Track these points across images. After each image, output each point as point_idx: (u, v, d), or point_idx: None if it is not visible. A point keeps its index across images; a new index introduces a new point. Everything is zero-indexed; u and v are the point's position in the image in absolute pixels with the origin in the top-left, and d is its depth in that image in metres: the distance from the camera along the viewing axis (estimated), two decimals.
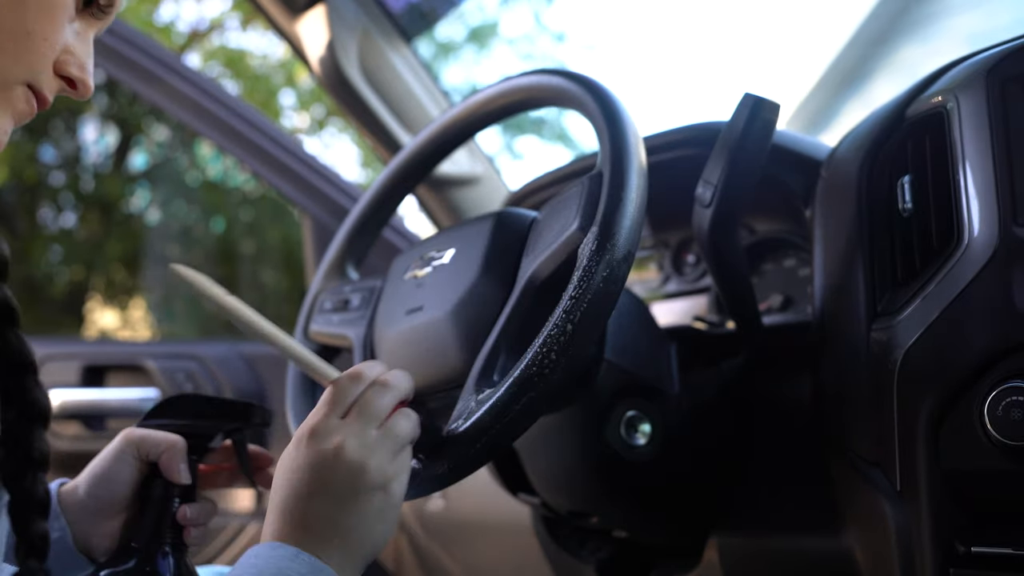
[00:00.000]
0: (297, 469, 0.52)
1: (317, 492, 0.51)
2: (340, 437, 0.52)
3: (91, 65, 0.52)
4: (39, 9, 0.47)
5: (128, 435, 0.62)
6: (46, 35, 0.47)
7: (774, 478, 0.85)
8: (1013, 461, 0.54)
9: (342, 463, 0.51)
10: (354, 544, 0.51)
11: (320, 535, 0.50)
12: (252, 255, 6.22)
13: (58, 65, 0.50)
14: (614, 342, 0.75)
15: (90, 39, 0.52)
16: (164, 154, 6.24)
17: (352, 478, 0.51)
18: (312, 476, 0.51)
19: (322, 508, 0.51)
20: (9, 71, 0.47)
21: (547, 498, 0.88)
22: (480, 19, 7.43)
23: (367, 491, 0.51)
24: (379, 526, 0.52)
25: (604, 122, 0.64)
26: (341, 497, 0.51)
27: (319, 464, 0.51)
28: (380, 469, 0.52)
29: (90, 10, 0.51)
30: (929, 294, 0.60)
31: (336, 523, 0.51)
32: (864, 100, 5.70)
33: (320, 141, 6.89)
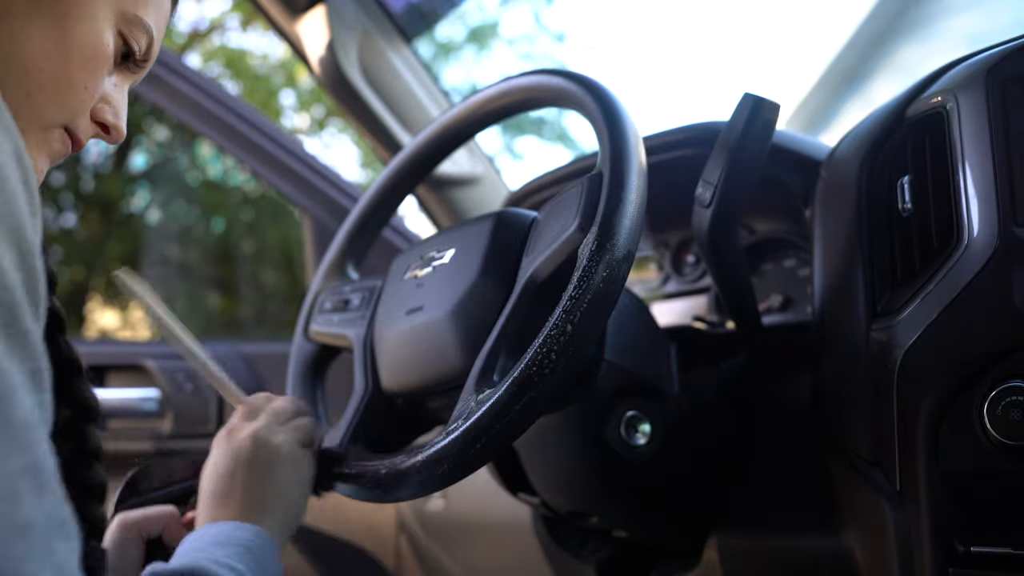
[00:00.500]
0: (218, 462, 0.63)
1: (238, 471, 0.62)
2: (251, 428, 0.65)
3: (125, 114, 0.56)
4: (82, 59, 0.50)
5: (125, 522, 0.67)
6: (87, 84, 0.51)
7: (774, 478, 0.86)
8: (1013, 461, 0.54)
9: (256, 444, 0.63)
10: (278, 510, 0.62)
11: (249, 506, 0.60)
12: (252, 255, 6.22)
13: (95, 112, 0.54)
14: (614, 342, 0.75)
15: (126, 91, 0.56)
16: (164, 154, 6.23)
17: (266, 454, 0.63)
18: (232, 461, 0.62)
19: (246, 483, 0.61)
20: (49, 115, 0.50)
21: (547, 498, 0.88)
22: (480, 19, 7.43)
23: (280, 464, 0.63)
24: (295, 494, 0.64)
25: (604, 122, 0.64)
26: (259, 471, 0.62)
27: (236, 450, 0.63)
28: (288, 446, 0.65)
29: (127, 64, 0.55)
30: (929, 294, 0.60)
31: (261, 494, 0.61)
32: (864, 100, 5.70)
33: (320, 141, 6.89)
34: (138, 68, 0.56)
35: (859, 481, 0.69)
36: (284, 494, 0.63)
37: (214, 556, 0.53)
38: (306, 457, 0.66)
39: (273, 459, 0.63)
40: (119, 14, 0.52)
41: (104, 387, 1.48)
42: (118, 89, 0.55)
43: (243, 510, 0.60)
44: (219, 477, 0.62)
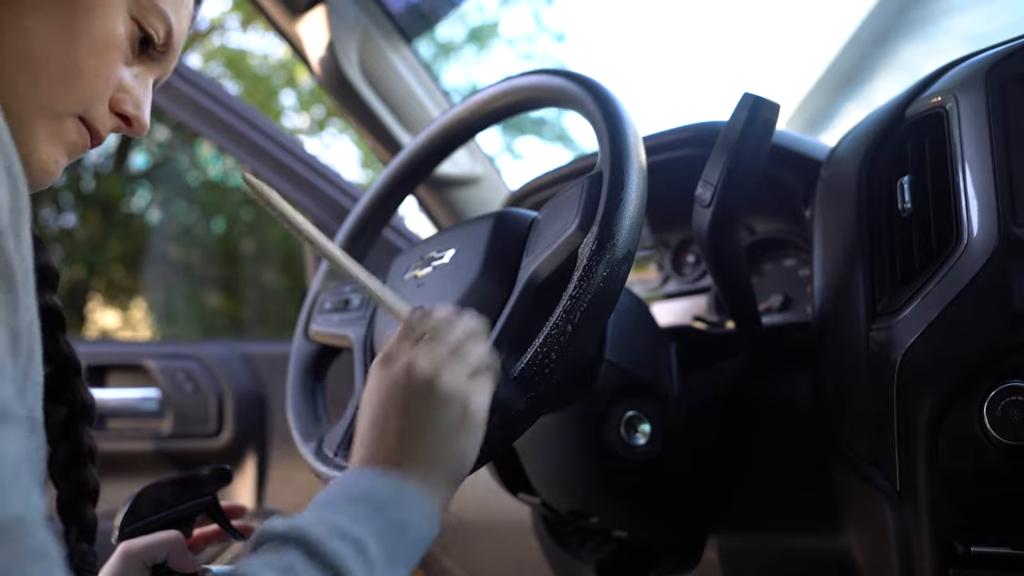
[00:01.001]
0: (372, 396, 0.53)
1: (393, 413, 0.51)
2: (409, 357, 0.53)
3: (148, 106, 0.54)
4: (91, 46, 0.49)
5: (128, 551, 0.65)
6: (97, 71, 0.50)
7: (774, 478, 0.86)
8: (1012, 461, 0.54)
9: (413, 379, 0.52)
10: (437, 461, 0.51)
11: (401, 454, 0.50)
12: (252, 255, 6.22)
13: (114, 103, 0.52)
14: (614, 342, 0.75)
15: (149, 82, 0.55)
16: (164, 154, 6.24)
17: (425, 393, 0.51)
18: (386, 398, 0.52)
19: (400, 427, 0.51)
20: (60, 102, 0.49)
21: (547, 498, 0.88)
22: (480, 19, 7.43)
23: (442, 405, 0.51)
24: (460, 443, 0.52)
25: (604, 122, 0.64)
26: (417, 414, 0.51)
27: (391, 385, 0.52)
28: (453, 384, 0.52)
29: (148, 53, 0.54)
30: (929, 294, 0.60)
31: (415, 441, 0.51)
32: (864, 100, 5.70)
33: (320, 141, 6.89)
34: (160, 57, 0.54)
35: (859, 481, 0.69)
36: (444, 444, 0.52)
37: (334, 521, 0.44)
38: (476, 396, 0.54)
39: (432, 399, 0.52)
40: (133, 1, 0.51)
41: (104, 387, 1.48)
42: (139, 80, 0.54)
43: (391, 455, 0.51)
44: (371, 413, 0.53)
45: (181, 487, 0.69)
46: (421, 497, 0.49)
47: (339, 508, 0.46)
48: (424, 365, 0.52)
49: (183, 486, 0.69)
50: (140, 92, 0.54)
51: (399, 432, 0.51)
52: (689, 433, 0.82)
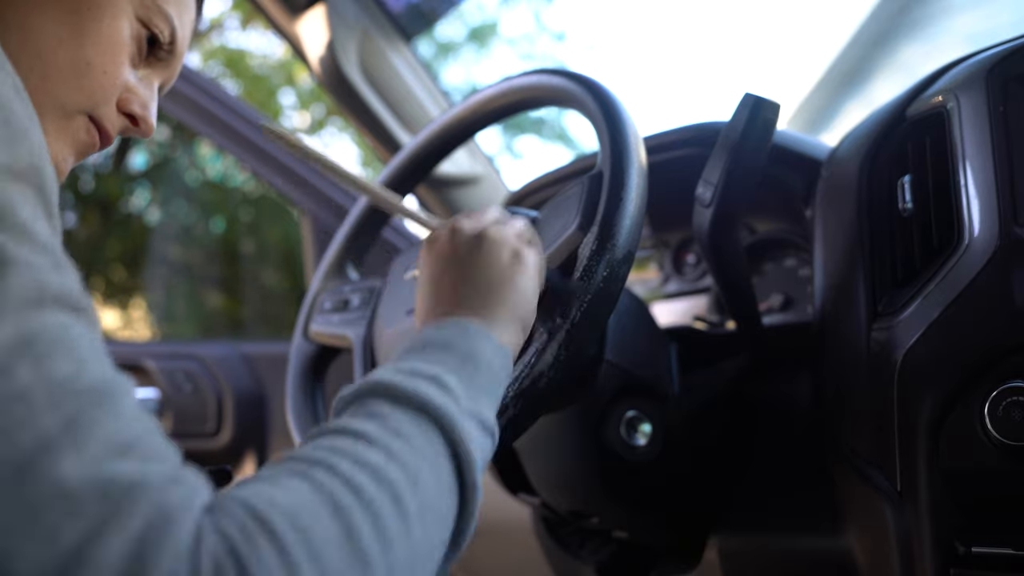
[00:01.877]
0: (423, 269, 0.55)
1: (445, 271, 0.53)
2: (452, 227, 0.56)
3: (154, 108, 0.55)
4: (98, 42, 0.50)
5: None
6: (106, 68, 0.50)
7: (774, 478, 0.85)
8: (1013, 461, 0.54)
9: (459, 238, 0.54)
10: (497, 301, 0.52)
11: (459, 303, 0.51)
12: (252, 255, 6.22)
13: (121, 102, 0.53)
14: (614, 342, 0.75)
15: (154, 85, 0.56)
16: (164, 154, 6.23)
17: (472, 245, 0.54)
18: (435, 262, 0.54)
19: (453, 281, 0.52)
20: (69, 99, 0.49)
21: (547, 498, 0.88)
22: (480, 19, 7.43)
23: (491, 251, 0.53)
24: (516, 283, 0.53)
25: (604, 122, 0.64)
26: (468, 265, 0.53)
27: (439, 252, 0.55)
28: (499, 233, 0.55)
29: (153, 56, 0.55)
30: (929, 294, 0.60)
31: (470, 288, 0.52)
32: (864, 100, 5.70)
33: (320, 141, 6.89)
34: (164, 61, 0.55)
35: (859, 481, 0.69)
36: (501, 282, 0.52)
37: (405, 366, 0.44)
38: (525, 245, 0.56)
39: (483, 247, 0.53)
40: (140, 3, 0.52)
41: None
42: (145, 82, 0.55)
43: (449, 306, 0.51)
44: (424, 282, 0.54)
45: None
46: (487, 332, 0.49)
47: (407, 357, 0.46)
48: (468, 226, 0.55)
49: None
50: (146, 94, 0.55)
51: (453, 286, 0.52)
52: (689, 433, 0.82)
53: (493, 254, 0.53)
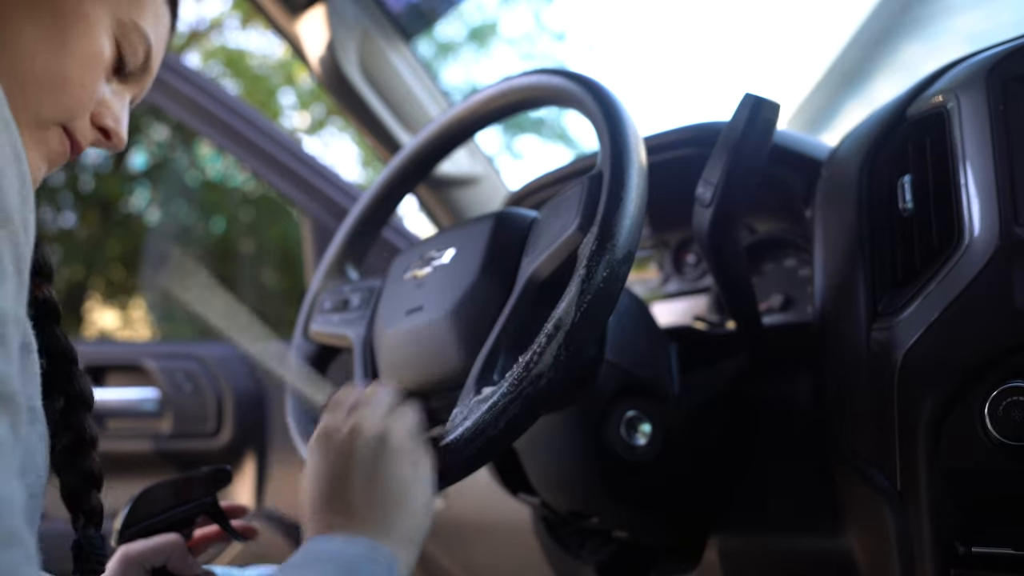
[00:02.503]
0: (319, 465, 0.53)
1: (348, 473, 0.52)
2: (351, 422, 0.54)
3: (125, 122, 0.56)
4: (78, 57, 0.51)
5: (127, 555, 0.64)
6: (84, 82, 0.51)
7: (774, 478, 0.85)
8: (1014, 461, 0.54)
9: (362, 440, 0.53)
10: (399, 516, 0.51)
11: (365, 514, 0.50)
12: (252, 255, 6.22)
13: (95, 116, 0.54)
14: (614, 342, 0.75)
15: (126, 100, 0.57)
16: (164, 154, 6.24)
17: (376, 451, 0.52)
18: (337, 461, 0.52)
19: (358, 486, 0.51)
20: (46, 110, 0.50)
21: (547, 498, 0.88)
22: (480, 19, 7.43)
23: (394, 459, 0.52)
24: (417, 496, 0.53)
25: (604, 122, 0.64)
26: (372, 469, 0.52)
27: (339, 452, 0.53)
28: (401, 438, 0.54)
29: (126, 71, 0.55)
30: (929, 294, 0.60)
31: (378, 498, 0.51)
32: (864, 100, 5.70)
33: (320, 141, 6.89)
34: (138, 76, 0.56)
35: (860, 481, 0.69)
36: (405, 498, 0.52)
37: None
38: (421, 449, 0.56)
39: (386, 454, 0.52)
40: (116, 21, 0.53)
41: (103, 387, 1.48)
42: (118, 97, 0.56)
43: (357, 519, 0.50)
44: (324, 480, 0.52)
45: (181, 488, 0.67)
46: (390, 555, 0.49)
47: (309, 571, 0.46)
48: (369, 425, 0.54)
49: (183, 487, 0.67)
50: (119, 108, 0.56)
51: (359, 491, 0.51)
52: (689, 433, 0.82)
53: (396, 464, 0.52)
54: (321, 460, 0.53)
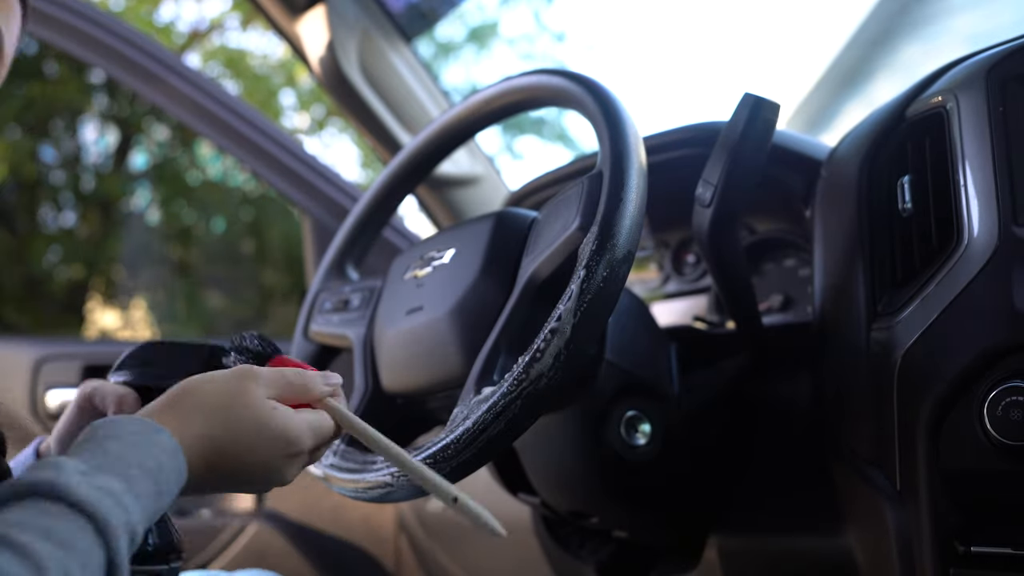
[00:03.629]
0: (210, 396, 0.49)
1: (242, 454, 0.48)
2: (306, 459, 0.51)
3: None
4: None
5: (83, 387, 0.61)
6: None
7: (774, 478, 0.85)
8: (1013, 461, 0.54)
9: (272, 422, 0.49)
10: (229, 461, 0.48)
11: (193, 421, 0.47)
12: (252, 255, 6.22)
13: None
14: (614, 342, 0.75)
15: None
16: (164, 154, 6.23)
17: (269, 439, 0.49)
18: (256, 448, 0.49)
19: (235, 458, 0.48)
20: None
21: (547, 498, 0.88)
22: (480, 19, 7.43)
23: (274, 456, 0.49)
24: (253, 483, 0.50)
25: (604, 122, 0.64)
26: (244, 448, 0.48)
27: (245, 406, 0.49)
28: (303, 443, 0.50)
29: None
30: (929, 294, 0.60)
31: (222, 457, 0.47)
32: (864, 100, 5.70)
33: (320, 141, 6.89)
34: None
35: (859, 481, 0.69)
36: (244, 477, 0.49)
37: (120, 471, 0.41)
38: (305, 461, 0.52)
39: (271, 448, 0.49)
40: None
41: None
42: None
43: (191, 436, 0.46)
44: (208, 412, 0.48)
45: (182, 353, 0.61)
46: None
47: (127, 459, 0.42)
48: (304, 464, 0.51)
49: (184, 353, 0.61)
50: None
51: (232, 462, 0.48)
52: (689, 433, 0.82)
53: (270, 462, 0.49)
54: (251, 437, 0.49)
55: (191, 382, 0.50)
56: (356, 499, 0.66)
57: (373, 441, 0.52)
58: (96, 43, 1.43)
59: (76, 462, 0.40)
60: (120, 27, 1.46)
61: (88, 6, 1.43)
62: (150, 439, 0.44)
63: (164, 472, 0.43)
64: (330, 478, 0.68)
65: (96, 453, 0.42)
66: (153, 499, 0.42)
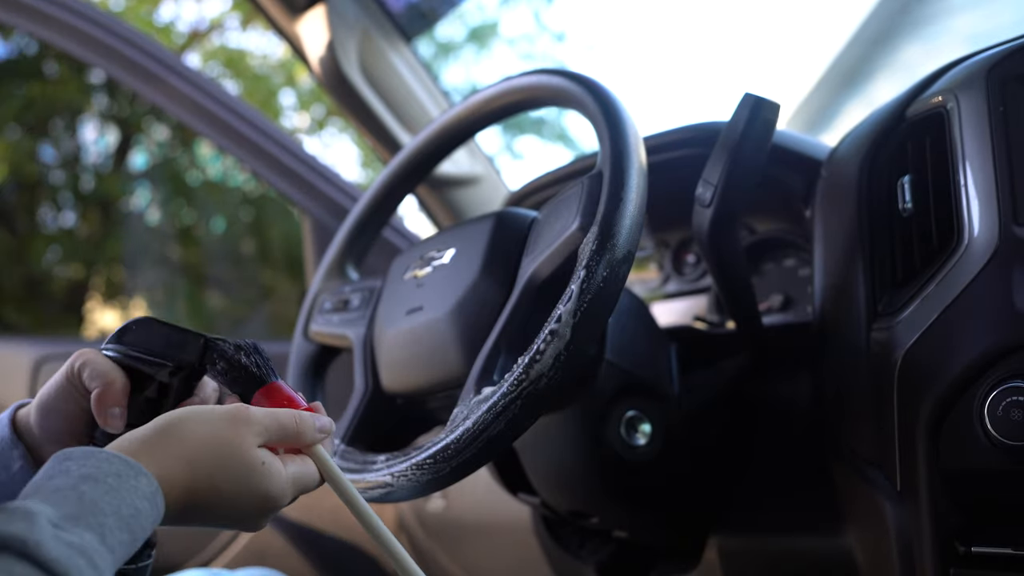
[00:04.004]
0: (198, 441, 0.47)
1: (224, 486, 0.46)
2: (291, 477, 0.49)
3: None
4: None
5: (75, 357, 0.56)
6: None
7: (774, 478, 0.85)
8: (1013, 461, 0.54)
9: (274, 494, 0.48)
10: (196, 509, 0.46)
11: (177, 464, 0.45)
12: (252, 255, 6.22)
13: None
14: (614, 342, 0.75)
15: None
16: (164, 154, 6.23)
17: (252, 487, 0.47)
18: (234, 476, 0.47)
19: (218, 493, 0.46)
20: None
21: (547, 498, 0.88)
22: (480, 19, 7.43)
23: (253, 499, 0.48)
24: (231, 518, 0.48)
25: (604, 122, 0.64)
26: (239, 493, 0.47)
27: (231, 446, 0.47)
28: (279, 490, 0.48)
29: None
30: (929, 294, 0.60)
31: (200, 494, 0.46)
32: (864, 100, 5.70)
33: (320, 141, 6.89)
34: None
35: (859, 481, 0.69)
36: (222, 513, 0.48)
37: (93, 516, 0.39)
38: (281, 503, 0.50)
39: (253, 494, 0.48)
40: None
41: None
42: None
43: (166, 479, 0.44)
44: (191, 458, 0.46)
45: (178, 339, 0.56)
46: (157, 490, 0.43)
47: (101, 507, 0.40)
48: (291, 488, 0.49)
49: (180, 340, 0.56)
50: None
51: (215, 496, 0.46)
52: (689, 433, 0.82)
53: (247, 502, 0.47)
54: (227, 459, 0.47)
55: (182, 418, 0.47)
56: None
57: (351, 502, 0.50)
58: (96, 43, 1.43)
59: (49, 511, 0.38)
60: (120, 27, 1.46)
61: (88, 6, 1.43)
62: (129, 484, 0.42)
63: (140, 517, 0.41)
64: None
65: (70, 498, 0.39)
66: (127, 546, 0.41)
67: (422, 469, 0.60)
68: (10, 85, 5.25)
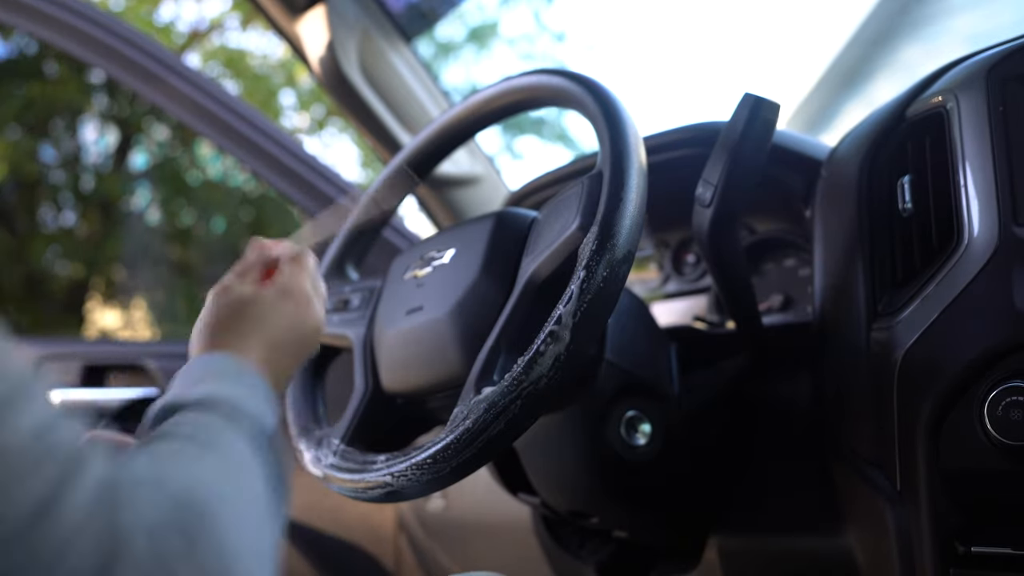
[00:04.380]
0: (206, 319, 0.60)
1: (233, 326, 0.58)
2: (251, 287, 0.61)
3: None
4: None
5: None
6: None
7: (774, 478, 0.85)
8: (1013, 461, 0.54)
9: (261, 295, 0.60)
10: (275, 356, 0.57)
11: (234, 339, 0.57)
12: None
13: None
14: (614, 342, 0.75)
15: None
16: (164, 154, 6.24)
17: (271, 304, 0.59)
18: (222, 314, 0.59)
19: (243, 334, 0.57)
20: None
21: (547, 498, 0.88)
22: (480, 19, 7.43)
23: (287, 310, 0.59)
24: (297, 341, 0.59)
25: (604, 122, 0.64)
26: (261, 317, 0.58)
27: (231, 304, 0.59)
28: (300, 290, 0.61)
29: None
30: (929, 294, 0.60)
31: (267, 333, 0.57)
32: (864, 100, 5.70)
33: (320, 141, 6.89)
34: None
35: (859, 481, 0.69)
36: (286, 344, 0.58)
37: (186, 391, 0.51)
38: (316, 295, 0.63)
39: (282, 308, 0.59)
40: None
41: (104, 387, 1.48)
42: None
43: (225, 343, 0.58)
44: (209, 330, 0.59)
45: None
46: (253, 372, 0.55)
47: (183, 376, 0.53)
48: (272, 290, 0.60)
49: None
50: None
51: (242, 339, 0.57)
52: (689, 433, 0.82)
53: (288, 315, 0.60)
54: (211, 312, 0.59)
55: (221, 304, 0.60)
56: (356, 499, 0.66)
57: None
58: (96, 43, 1.42)
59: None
60: (120, 27, 1.46)
61: (88, 6, 1.43)
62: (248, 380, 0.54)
63: None
64: (330, 478, 0.68)
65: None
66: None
67: (422, 469, 0.60)
68: (10, 85, 5.25)
